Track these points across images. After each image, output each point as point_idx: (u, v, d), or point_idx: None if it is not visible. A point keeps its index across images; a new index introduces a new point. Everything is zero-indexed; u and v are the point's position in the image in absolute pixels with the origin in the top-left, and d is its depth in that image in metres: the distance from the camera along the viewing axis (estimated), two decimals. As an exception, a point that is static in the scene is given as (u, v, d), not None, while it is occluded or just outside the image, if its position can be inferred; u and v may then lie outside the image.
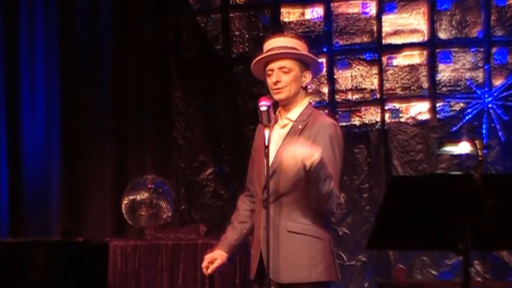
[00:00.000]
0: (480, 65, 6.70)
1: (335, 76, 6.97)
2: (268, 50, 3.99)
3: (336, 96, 6.97)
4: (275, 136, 3.96)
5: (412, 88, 6.82)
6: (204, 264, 4.06)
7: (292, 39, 4.06)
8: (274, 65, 3.95)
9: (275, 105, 3.94)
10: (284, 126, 3.98)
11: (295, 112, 3.98)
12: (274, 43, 4.00)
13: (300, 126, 3.92)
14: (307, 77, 3.99)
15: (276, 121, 3.99)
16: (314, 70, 4.07)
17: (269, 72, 3.97)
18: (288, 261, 3.86)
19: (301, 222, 3.87)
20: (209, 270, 4.04)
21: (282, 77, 3.93)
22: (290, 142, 3.85)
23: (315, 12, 7.03)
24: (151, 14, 7.41)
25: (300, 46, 4.00)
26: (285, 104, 3.98)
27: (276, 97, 3.93)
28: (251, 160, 4.12)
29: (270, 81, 3.97)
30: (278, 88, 3.93)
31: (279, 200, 3.87)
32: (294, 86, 3.95)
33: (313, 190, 3.76)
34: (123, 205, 6.69)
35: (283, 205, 3.87)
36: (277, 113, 3.99)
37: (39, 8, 7.51)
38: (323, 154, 3.74)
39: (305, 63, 3.99)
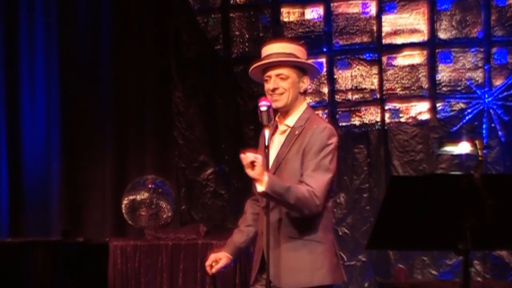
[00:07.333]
0: (480, 65, 6.70)
1: (335, 76, 6.97)
2: (266, 56, 4.00)
3: (336, 96, 6.97)
4: (275, 143, 3.98)
5: (412, 88, 6.82)
6: (208, 262, 4.07)
7: (290, 44, 4.05)
8: (272, 72, 3.96)
9: (274, 110, 3.95)
10: (284, 132, 4.00)
11: (293, 118, 3.99)
12: (272, 49, 4.00)
13: (297, 132, 3.94)
14: (305, 82, 4.00)
15: (276, 127, 4.01)
16: (311, 74, 4.08)
17: (267, 78, 3.99)
18: (289, 267, 3.86)
19: (300, 226, 3.87)
20: (213, 270, 4.05)
21: (279, 83, 3.95)
22: (285, 149, 3.90)
23: (315, 12, 7.03)
24: (151, 14, 7.41)
25: (298, 51, 4.00)
26: (283, 110, 3.99)
27: (274, 104, 3.93)
28: None
29: (267, 87, 3.98)
30: (276, 95, 3.94)
31: (279, 206, 3.86)
32: (291, 92, 3.96)
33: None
34: (123, 205, 6.69)
35: (282, 210, 3.87)
36: (276, 119, 4.00)
37: (39, 8, 7.51)
38: (309, 158, 3.83)
39: (302, 69, 3.99)
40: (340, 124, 6.91)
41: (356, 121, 6.93)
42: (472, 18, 6.71)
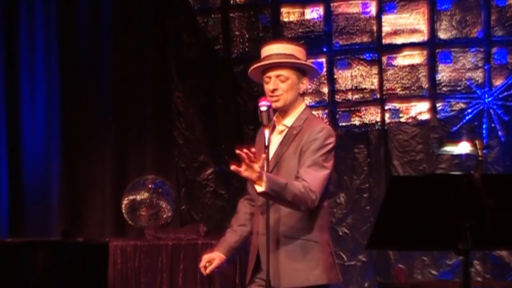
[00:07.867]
0: (480, 65, 6.70)
1: (335, 76, 6.97)
2: (266, 57, 3.99)
3: (336, 96, 6.97)
4: (273, 142, 3.99)
5: (412, 88, 6.82)
6: (202, 264, 4.07)
7: (290, 45, 4.04)
8: (272, 73, 3.96)
9: (273, 111, 3.95)
10: (281, 132, 4.00)
11: (291, 118, 4.00)
12: (271, 50, 4.00)
13: (294, 132, 3.94)
14: (304, 83, 4.00)
15: (274, 127, 4.01)
16: (311, 75, 4.08)
17: (267, 80, 3.99)
18: (285, 266, 3.86)
19: (296, 226, 3.88)
20: (207, 271, 4.05)
21: (279, 84, 3.95)
22: (283, 148, 3.90)
23: (315, 12, 7.03)
24: (151, 14, 7.41)
25: (298, 52, 4.00)
26: (282, 111, 3.99)
27: (274, 105, 3.94)
28: None
29: (267, 88, 3.98)
30: (275, 96, 3.94)
31: (275, 205, 3.86)
32: (291, 93, 3.96)
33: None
34: (123, 205, 6.69)
35: (279, 210, 3.87)
36: (274, 119, 4.00)
37: (39, 8, 7.51)
38: (307, 156, 3.82)
39: (302, 70, 3.99)
40: (340, 124, 6.91)
41: (356, 121, 6.93)
42: (472, 18, 6.71)
